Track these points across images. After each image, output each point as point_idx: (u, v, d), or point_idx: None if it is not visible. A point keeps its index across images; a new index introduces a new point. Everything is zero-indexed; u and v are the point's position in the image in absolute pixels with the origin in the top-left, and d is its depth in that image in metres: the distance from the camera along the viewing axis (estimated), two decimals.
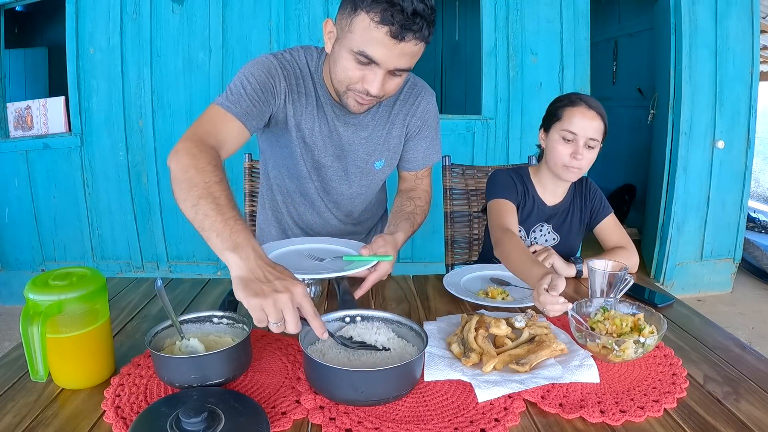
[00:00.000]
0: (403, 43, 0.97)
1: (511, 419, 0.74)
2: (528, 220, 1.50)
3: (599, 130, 1.36)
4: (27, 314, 0.74)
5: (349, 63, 1.03)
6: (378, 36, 0.96)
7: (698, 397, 0.81)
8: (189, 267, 3.18)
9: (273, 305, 0.73)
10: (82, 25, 2.89)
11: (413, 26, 0.95)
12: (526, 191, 1.49)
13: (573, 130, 1.35)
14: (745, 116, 3.16)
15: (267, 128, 1.25)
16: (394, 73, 1.03)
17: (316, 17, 2.91)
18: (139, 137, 3.01)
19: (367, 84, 1.04)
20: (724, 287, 3.43)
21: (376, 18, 0.94)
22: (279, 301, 0.74)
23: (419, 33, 0.96)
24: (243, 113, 1.08)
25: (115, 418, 0.72)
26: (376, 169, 1.33)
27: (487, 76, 3.05)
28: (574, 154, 1.35)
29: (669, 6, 3.10)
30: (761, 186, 5.53)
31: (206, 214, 0.83)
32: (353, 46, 0.99)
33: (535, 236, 1.50)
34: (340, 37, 1.03)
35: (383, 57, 0.99)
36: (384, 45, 0.97)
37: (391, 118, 1.28)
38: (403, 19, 0.94)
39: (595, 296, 1.10)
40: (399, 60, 1.00)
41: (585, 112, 1.35)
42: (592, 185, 1.53)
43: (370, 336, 0.88)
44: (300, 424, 0.74)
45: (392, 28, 0.94)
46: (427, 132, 1.33)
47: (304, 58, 1.19)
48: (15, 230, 3.16)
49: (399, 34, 0.95)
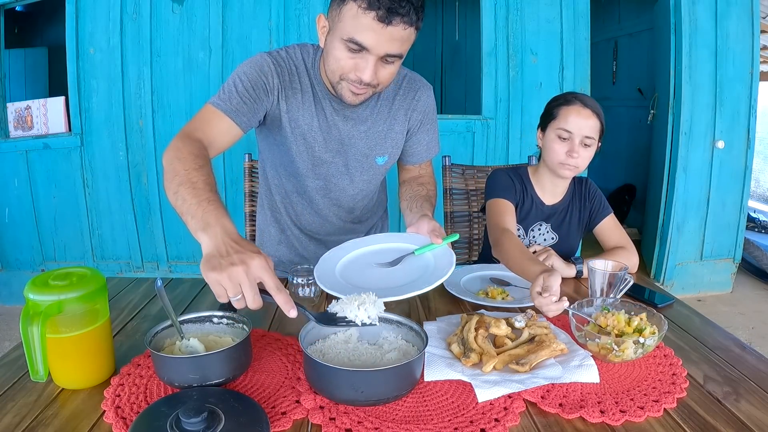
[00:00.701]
0: (391, 27, 0.98)
1: (511, 419, 0.74)
2: (526, 219, 1.50)
3: (595, 128, 1.37)
4: (27, 314, 0.74)
5: (340, 52, 1.04)
6: (366, 22, 0.97)
7: (698, 397, 0.81)
8: (189, 267, 3.18)
9: (228, 279, 0.72)
10: (82, 25, 2.89)
11: (400, 9, 0.96)
12: (524, 190, 1.50)
13: (568, 129, 1.36)
14: (745, 116, 3.16)
15: (264, 127, 1.25)
16: (386, 60, 1.04)
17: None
18: (139, 137, 3.01)
19: (360, 72, 1.05)
20: (724, 287, 3.43)
21: (363, 4, 0.96)
22: (234, 274, 0.72)
23: (407, 17, 0.98)
24: (233, 110, 1.11)
25: (115, 418, 0.72)
26: (377, 164, 1.33)
27: (487, 76, 3.05)
28: (570, 152, 1.36)
29: (669, 6, 3.10)
30: (761, 186, 5.53)
31: (184, 198, 0.84)
32: (343, 34, 1.01)
33: (534, 235, 1.51)
34: (332, 28, 1.05)
35: (373, 42, 1.00)
36: (372, 30, 0.98)
37: (392, 113, 1.28)
38: (389, 3, 0.95)
39: (595, 296, 1.10)
40: (389, 45, 1.01)
41: (580, 110, 1.36)
42: (591, 186, 1.53)
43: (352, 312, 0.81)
44: (300, 424, 0.74)
45: (379, 12, 0.96)
46: (429, 125, 1.35)
47: (300, 54, 1.20)
48: (15, 230, 3.16)
49: (386, 18, 0.96)
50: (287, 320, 1.07)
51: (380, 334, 0.91)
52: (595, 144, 1.40)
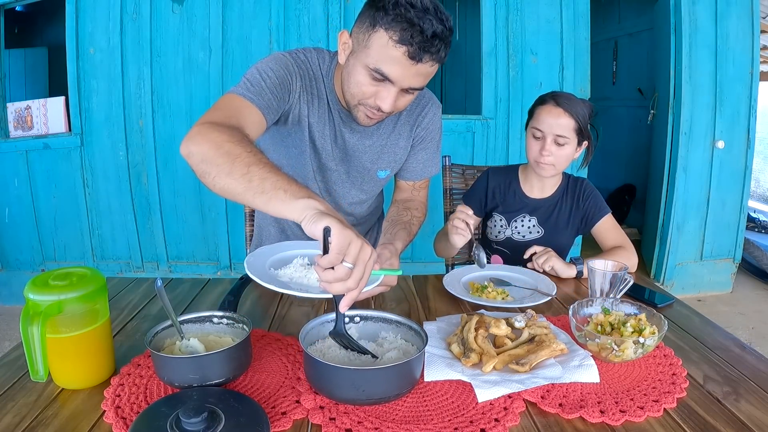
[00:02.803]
0: (420, 64, 0.97)
1: (511, 419, 0.74)
2: (509, 211, 1.54)
3: (568, 127, 1.38)
4: (27, 314, 0.74)
5: (363, 78, 1.02)
6: (395, 55, 0.95)
7: (698, 397, 0.81)
8: (189, 267, 3.18)
9: (359, 248, 0.70)
10: (82, 25, 2.89)
11: (431, 48, 0.95)
12: (507, 186, 1.56)
13: (540, 128, 1.41)
14: (745, 116, 3.16)
15: (275, 125, 1.24)
16: (407, 90, 1.03)
17: (316, 17, 2.91)
18: (139, 137, 3.01)
19: (380, 100, 1.04)
20: (724, 287, 3.43)
21: (395, 37, 0.94)
22: (365, 250, 0.71)
23: (436, 55, 0.97)
24: (265, 106, 1.04)
25: (115, 418, 0.72)
26: (379, 178, 1.33)
27: (487, 76, 3.05)
28: (542, 150, 1.40)
29: (669, 6, 3.10)
30: (761, 186, 5.53)
31: (263, 177, 0.77)
32: (369, 62, 0.99)
33: (516, 226, 1.52)
34: (356, 50, 1.02)
35: (399, 76, 0.99)
36: (401, 64, 0.97)
37: (398, 128, 1.28)
38: (422, 41, 0.93)
39: (595, 296, 1.10)
40: (414, 79, 1.00)
41: (551, 109, 1.39)
42: (587, 187, 1.53)
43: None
44: (300, 424, 0.74)
45: (410, 48, 0.94)
46: (429, 143, 1.33)
47: (317, 60, 1.19)
48: (15, 230, 3.16)
49: (417, 56, 0.95)
50: (287, 320, 1.08)
51: (380, 334, 0.91)
52: (572, 143, 1.41)
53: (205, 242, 3.14)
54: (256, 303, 1.17)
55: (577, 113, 1.38)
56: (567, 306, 1.09)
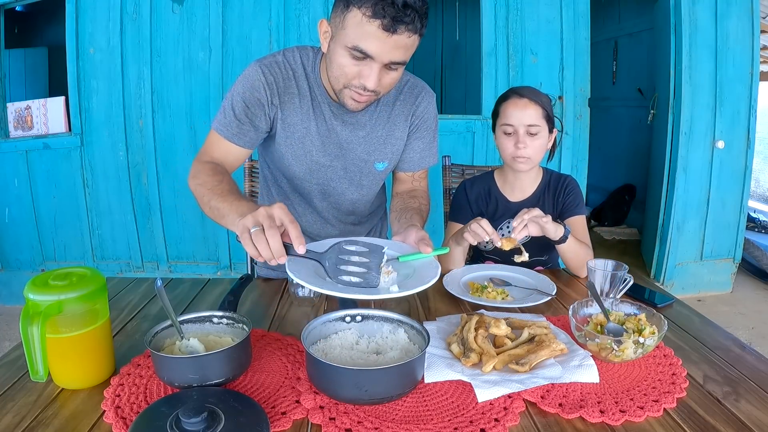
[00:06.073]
0: (396, 36, 0.97)
1: (511, 419, 0.74)
2: (493, 219, 1.51)
3: (536, 115, 1.39)
4: (27, 314, 0.74)
5: (344, 59, 1.04)
6: (371, 30, 0.97)
7: (698, 397, 0.81)
8: (189, 267, 3.18)
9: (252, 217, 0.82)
10: (82, 25, 2.89)
11: (405, 18, 0.96)
12: (488, 194, 1.54)
13: (510, 122, 1.40)
14: (745, 116, 3.16)
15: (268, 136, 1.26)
16: (390, 66, 1.04)
17: (316, 17, 2.91)
18: (139, 137, 3.01)
19: (364, 79, 1.04)
20: (724, 287, 3.43)
21: (368, 12, 0.95)
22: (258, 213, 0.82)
23: (411, 25, 0.98)
24: (233, 135, 1.18)
25: (115, 418, 0.73)
26: (377, 170, 1.32)
27: (487, 76, 3.05)
28: (517, 144, 1.40)
29: (669, 6, 3.10)
30: (761, 186, 5.54)
31: (218, 209, 0.98)
32: (347, 41, 1.00)
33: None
34: (335, 35, 1.04)
35: (377, 50, 0.99)
36: (377, 38, 0.98)
37: (392, 118, 1.28)
38: (394, 12, 0.95)
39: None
40: (393, 53, 1.01)
41: (517, 102, 1.40)
42: (570, 183, 1.51)
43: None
44: (300, 424, 0.74)
45: (384, 21, 0.95)
46: (425, 132, 1.33)
47: (299, 58, 1.20)
48: (15, 230, 3.16)
49: (391, 27, 0.96)
50: (287, 320, 1.08)
51: (380, 333, 0.91)
52: (544, 132, 1.41)
53: (205, 242, 3.14)
54: (256, 303, 1.17)
55: (541, 101, 1.40)
56: (567, 306, 1.09)
